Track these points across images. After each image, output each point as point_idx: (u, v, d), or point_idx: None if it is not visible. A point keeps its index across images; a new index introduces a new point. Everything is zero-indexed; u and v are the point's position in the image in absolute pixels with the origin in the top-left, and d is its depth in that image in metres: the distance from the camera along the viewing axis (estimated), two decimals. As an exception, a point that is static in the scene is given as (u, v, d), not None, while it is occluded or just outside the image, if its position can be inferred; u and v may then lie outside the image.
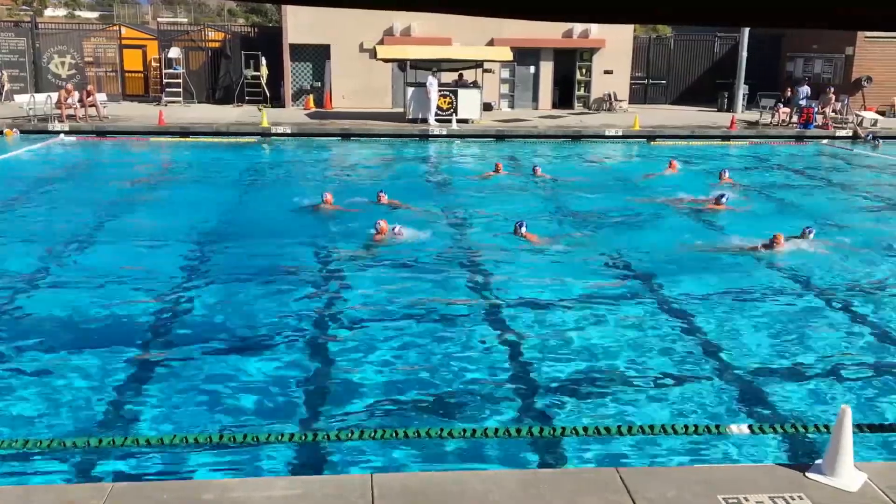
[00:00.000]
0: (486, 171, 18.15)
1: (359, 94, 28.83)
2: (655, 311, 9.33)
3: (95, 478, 5.57)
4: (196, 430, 6.23)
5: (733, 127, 25.34)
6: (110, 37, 31.22)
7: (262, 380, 7.26)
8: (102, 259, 11.09)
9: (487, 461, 5.88)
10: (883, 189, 17.61)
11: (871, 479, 4.79)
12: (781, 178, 18.92)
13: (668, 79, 33.06)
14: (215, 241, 12.14)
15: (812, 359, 7.97)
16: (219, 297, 9.59)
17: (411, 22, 28.43)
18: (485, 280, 10.36)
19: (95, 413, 6.59)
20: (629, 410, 6.79)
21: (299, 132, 23.94)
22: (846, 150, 23.51)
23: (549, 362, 7.76)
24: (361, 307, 9.22)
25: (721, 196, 14.58)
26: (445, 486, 4.76)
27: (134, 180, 17.09)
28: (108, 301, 9.27)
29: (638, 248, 11.89)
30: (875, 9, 1.45)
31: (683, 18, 1.69)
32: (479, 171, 18.63)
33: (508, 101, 30.30)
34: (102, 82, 29.74)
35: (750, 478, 4.87)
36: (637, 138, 24.43)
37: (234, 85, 29.99)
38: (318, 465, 5.87)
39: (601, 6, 1.55)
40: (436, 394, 7.04)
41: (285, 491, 4.67)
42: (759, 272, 10.86)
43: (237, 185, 17.02)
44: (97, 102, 24.76)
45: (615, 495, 4.62)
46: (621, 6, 1.56)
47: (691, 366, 7.79)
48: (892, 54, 29.03)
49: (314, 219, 13.60)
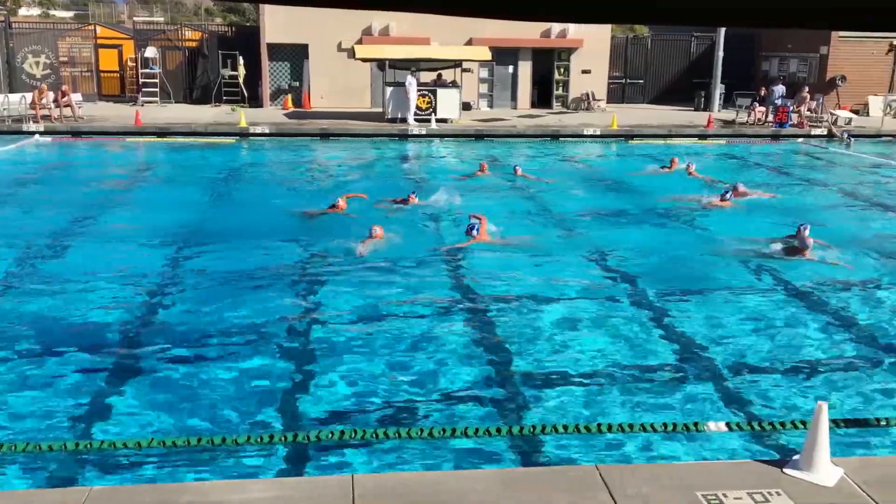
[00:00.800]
0: (472, 172, 18.13)
1: (337, 93, 28.75)
2: (634, 309, 9.38)
3: (72, 482, 5.51)
4: (173, 432, 6.18)
5: (710, 126, 25.53)
6: (85, 36, 30.91)
7: (240, 382, 7.21)
8: (77, 261, 10.97)
9: (467, 461, 5.88)
10: (858, 187, 17.82)
11: (847, 475, 4.84)
12: (760, 177, 19.07)
13: (645, 78, 33.26)
14: (192, 242, 12.05)
15: (788, 355, 8.04)
16: (195, 299, 9.51)
17: (390, 21, 28.39)
18: (463, 280, 10.36)
19: (71, 417, 6.52)
20: (609, 408, 6.82)
21: (278, 132, 23.83)
22: (821, 149, 23.77)
23: (528, 361, 7.77)
24: (340, 309, 9.18)
25: (727, 193, 14.69)
26: (425, 486, 4.75)
27: (110, 181, 16.94)
28: (83, 304, 9.18)
29: (616, 246, 11.95)
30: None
31: (688, 18, 1.68)
32: (463, 172, 18.62)
33: (487, 101, 30.33)
34: (78, 82, 29.45)
35: (728, 474, 4.91)
36: (615, 137, 24.56)
37: (211, 85, 29.80)
38: (297, 467, 5.84)
39: (602, 4, 1.54)
40: (415, 394, 7.03)
41: (264, 493, 4.64)
42: (733, 269, 10.95)
43: (215, 186, 16.91)
44: (72, 103, 24.50)
45: (595, 493, 4.63)
46: (625, 4, 1.55)
47: (669, 364, 7.84)
48: (865, 54, 29.39)
49: (294, 220, 13.55)
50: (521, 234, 12.16)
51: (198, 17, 56.34)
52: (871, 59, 29.44)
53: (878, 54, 29.36)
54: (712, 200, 14.76)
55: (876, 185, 18.33)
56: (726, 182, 16.65)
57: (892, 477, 4.89)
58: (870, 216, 14.93)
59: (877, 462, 5.54)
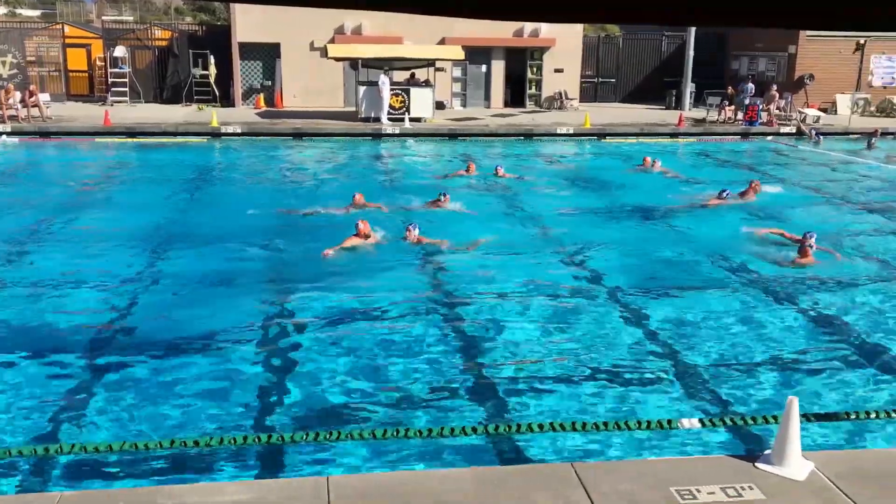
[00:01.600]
0: (456, 171, 18.11)
1: (310, 93, 28.61)
2: (608, 307, 9.43)
3: (43, 488, 5.43)
4: (146, 435, 6.12)
5: (681, 124, 25.75)
6: (53, 35, 30.48)
7: (213, 383, 7.15)
8: (44, 263, 10.82)
9: (443, 460, 5.88)
10: (827, 184, 18.07)
11: (818, 468, 4.91)
12: (731, 175, 19.27)
13: (617, 77, 33.48)
14: (162, 243, 11.94)
15: (760, 351, 8.13)
16: (166, 301, 9.43)
17: (362, 20, 28.30)
18: (442, 279, 10.36)
19: (41, 421, 6.43)
20: (584, 406, 6.86)
21: (250, 132, 23.66)
22: (790, 147, 24.08)
23: (503, 361, 7.79)
24: (315, 309, 9.15)
25: (724, 191, 14.82)
26: (401, 486, 4.74)
27: (79, 182, 16.73)
28: (51, 307, 9.05)
29: (594, 245, 12.02)
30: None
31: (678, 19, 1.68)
32: (444, 171, 18.60)
33: (461, 100, 30.36)
34: (45, 82, 29.03)
35: (702, 470, 4.95)
36: (588, 136, 24.68)
37: (182, 84, 29.52)
38: (272, 469, 5.81)
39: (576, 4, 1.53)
40: (391, 395, 7.01)
41: (239, 496, 4.61)
42: (703, 267, 11.06)
43: (185, 186, 16.76)
44: (40, 103, 24.15)
45: (571, 490, 4.66)
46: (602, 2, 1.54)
47: (642, 361, 7.89)
48: (832, 52, 29.81)
49: (267, 220, 13.47)
50: (487, 236, 12.06)
51: (168, 16, 55.80)
52: (838, 57, 29.87)
53: (846, 53, 29.79)
54: (711, 199, 14.76)
55: (845, 182, 18.60)
56: (689, 178, 16.81)
57: (862, 470, 4.97)
58: (839, 213, 15.13)
59: (848, 455, 5.62)
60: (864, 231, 13.42)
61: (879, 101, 29.93)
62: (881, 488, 4.73)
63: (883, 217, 14.50)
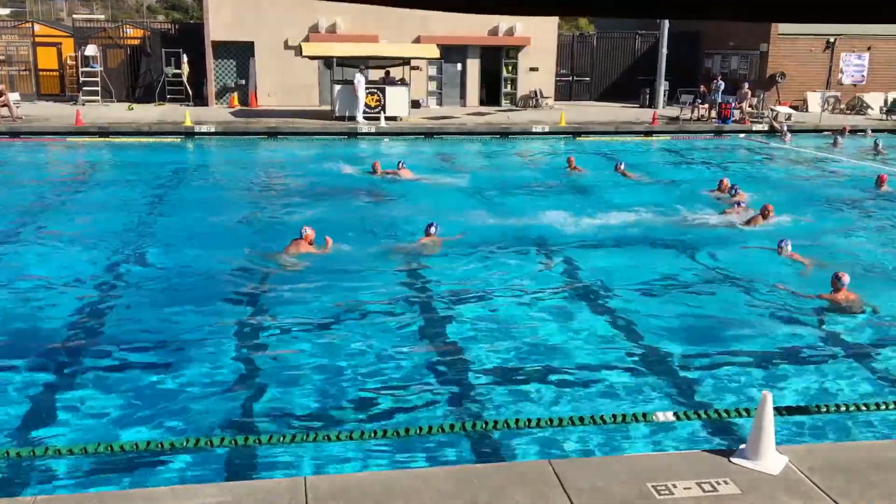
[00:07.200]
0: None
1: (285, 91, 28.44)
2: (580, 303, 9.47)
3: (17, 492, 5.35)
4: (121, 438, 6.05)
5: (655, 122, 25.92)
6: (23, 34, 30.05)
7: (188, 386, 7.10)
8: (14, 264, 10.68)
9: (420, 459, 5.88)
10: (798, 180, 18.29)
11: (792, 462, 4.96)
12: (706, 172, 19.43)
13: (591, 76, 33.62)
14: (135, 245, 11.82)
15: (734, 346, 8.21)
16: (137, 302, 9.34)
17: (337, 19, 28.18)
18: (416, 279, 10.35)
19: (13, 424, 6.34)
20: (559, 401, 6.88)
21: (224, 131, 23.48)
22: (763, 144, 24.34)
23: (478, 358, 7.79)
24: (287, 311, 9.09)
25: (733, 187, 14.91)
26: (379, 485, 4.73)
27: (50, 183, 16.51)
28: (21, 308, 8.94)
29: (562, 243, 12.07)
30: None
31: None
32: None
33: (436, 99, 30.33)
34: (15, 81, 28.65)
35: (677, 465, 4.99)
36: (563, 134, 24.77)
37: (154, 83, 29.24)
38: (249, 470, 5.77)
39: None
40: (367, 395, 7.00)
41: (215, 497, 4.57)
42: (680, 261, 11.14)
43: (157, 186, 16.58)
44: (9, 102, 23.81)
45: (547, 487, 4.67)
46: None
47: (616, 356, 7.93)
48: (804, 50, 30.15)
49: (241, 222, 13.38)
50: (455, 234, 12.05)
51: (140, 14, 55.25)
52: (809, 55, 30.22)
53: (816, 51, 30.14)
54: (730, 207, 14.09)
55: (816, 178, 18.84)
56: (654, 179, 16.97)
57: (836, 463, 5.03)
58: (812, 208, 15.30)
59: (821, 449, 5.68)
60: (833, 228, 13.58)
61: (850, 99, 30.32)
62: (854, 481, 4.79)
63: (850, 211, 14.72)
